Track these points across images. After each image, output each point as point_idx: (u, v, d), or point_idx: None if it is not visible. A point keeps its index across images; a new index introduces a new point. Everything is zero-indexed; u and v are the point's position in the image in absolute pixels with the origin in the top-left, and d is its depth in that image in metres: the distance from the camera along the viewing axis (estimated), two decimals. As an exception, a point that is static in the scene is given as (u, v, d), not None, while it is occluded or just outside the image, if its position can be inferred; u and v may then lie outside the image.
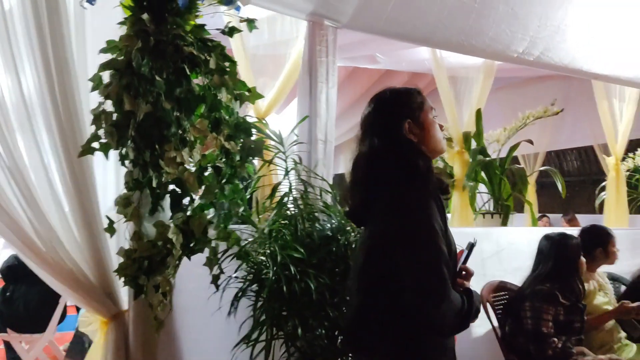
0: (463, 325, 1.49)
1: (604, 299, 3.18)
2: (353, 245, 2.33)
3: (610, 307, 3.14)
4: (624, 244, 4.11)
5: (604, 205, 5.05)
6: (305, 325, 2.07)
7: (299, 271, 2.04)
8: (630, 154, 5.03)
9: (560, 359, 2.72)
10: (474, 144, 3.78)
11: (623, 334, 3.18)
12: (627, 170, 4.88)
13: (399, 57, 5.72)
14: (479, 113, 3.71)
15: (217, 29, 2.13)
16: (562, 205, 8.43)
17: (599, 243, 3.13)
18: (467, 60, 3.98)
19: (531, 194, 7.45)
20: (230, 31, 2.10)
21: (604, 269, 3.72)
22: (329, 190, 2.36)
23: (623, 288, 3.86)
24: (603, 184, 5.18)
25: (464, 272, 1.57)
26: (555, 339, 2.76)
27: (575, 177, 9.80)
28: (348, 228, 2.39)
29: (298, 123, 2.64)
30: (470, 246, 1.60)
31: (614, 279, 3.88)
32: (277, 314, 2.03)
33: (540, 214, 7.35)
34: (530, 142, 3.61)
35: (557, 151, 8.89)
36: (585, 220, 5.93)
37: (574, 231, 3.27)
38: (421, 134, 1.60)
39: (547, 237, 3.02)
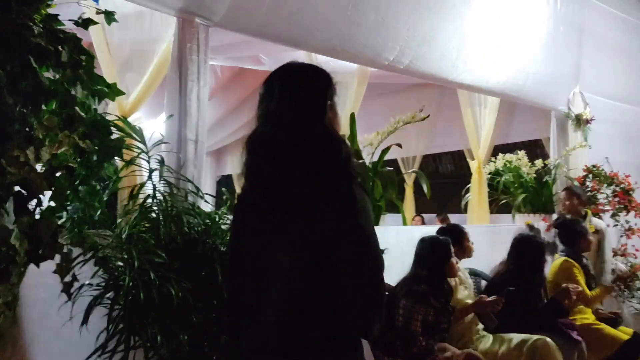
0: None
1: (465, 293, 3.41)
2: (222, 248, 2.30)
3: (470, 301, 3.36)
4: (485, 241, 4.45)
5: (468, 205, 5.44)
6: (167, 333, 1.99)
7: (160, 276, 1.96)
8: (493, 158, 5.44)
9: (423, 356, 2.87)
10: (349, 147, 3.87)
11: (481, 326, 3.42)
12: (489, 173, 5.27)
13: (283, 58, 5.69)
14: (352, 117, 3.83)
15: (71, 20, 2.00)
16: (439, 206, 8.96)
17: (454, 240, 3.32)
18: (342, 66, 4.08)
19: (409, 195, 7.86)
20: (85, 23, 1.98)
21: (467, 264, 3.99)
22: (195, 191, 2.30)
23: (484, 283, 4.16)
24: (468, 185, 5.57)
25: None
26: (422, 338, 2.90)
27: (450, 179, 10.47)
28: (217, 231, 2.35)
29: (165, 121, 2.55)
30: None
31: (475, 274, 4.17)
32: (135, 322, 1.94)
33: (415, 214, 7.73)
34: (399, 145, 3.79)
35: (434, 155, 9.44)
36: (455, 219, 6.34)
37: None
38: (333, 119, 1.49)
39: (422, 240, 3.17)
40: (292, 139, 1.41)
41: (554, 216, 5.05)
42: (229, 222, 2.41)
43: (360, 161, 3.73)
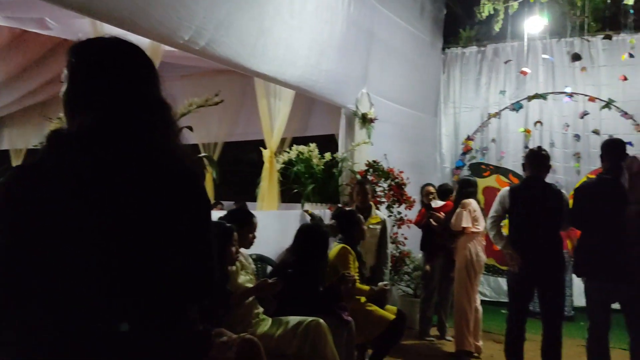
0: None
1: (246, 278, 3.46)
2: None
3: (251, 285, 3.43)
4: (273, 228, 4.60)
5: (259, 193, 5.58)
6: None
7: None
8: (287, 149, 5.66)
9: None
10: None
11: (261, 310, 3.52)
12: (283, 163, 5.47)
13: (73, 26, 5.22)
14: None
15: None
16: (241, 193, 9.03)
17: (238, 226, 3.36)
18: (133, 40, 3.84)
19: (208, 181, 7.79)
20: None
21: (255, 250, 4.07)
22: None
23: (270, 269, 4.29)
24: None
25: None
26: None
27: (252, 168, 10.64)
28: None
29: None
30: None
31: (261, 260, 4.28)
32: None
33: (215, 201, 7.71)
34: (191, 129, 3.69)
35: (238, 142, 9.48)
36: (251, 207, 6.45)
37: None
38: None
39: None
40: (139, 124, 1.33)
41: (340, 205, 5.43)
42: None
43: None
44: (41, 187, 1.22)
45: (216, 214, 4.18)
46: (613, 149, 3.95)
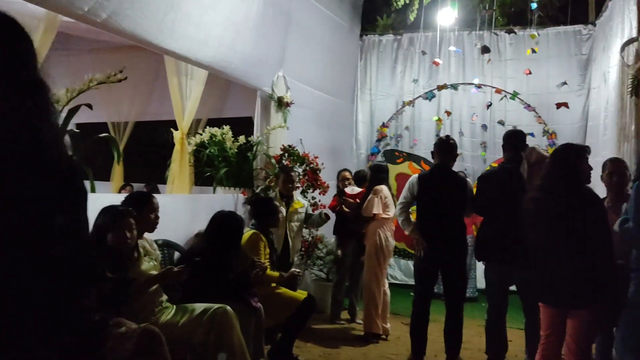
0: None
1: (150, 265, 3.31)
2: None
3: (155, 272, 3.29)
4: (181, 213, 4.46)
5: (168, 175, 5.38)
6: None
7: None
8: (201, 131, 5.48)
9: (96, 332, 2.68)
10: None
11: (165, 297, 3.39)
12: (196, 145, 5.29)
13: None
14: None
15: None
16: (152, 175, 8.68)
17: (138, 209, 3.21)
18: (27, 8, 3.54)
19: (115, 163, 7.44)
20: None
21: (164, 235, 3.92)
22: None
23: (178, 254, 4.15)
24: (177, 157, 5.51)
25: None
26: (95, 312, 2.71)
27: (164, 150, 10.24)
28: None
29: None
30: None
31: (168, 245, 4.13)
32: None
33: (124, 183, 7.39)
34: (90, 106, 3.47)
35: (152, 122, 9.09)
36: (163, 189, 6.24)
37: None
38: None
39: (101, 211, 2.98)
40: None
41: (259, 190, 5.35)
42: None
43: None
44: None
45: (109, 197, 3.99)
46: (514, 139, 4.15)
